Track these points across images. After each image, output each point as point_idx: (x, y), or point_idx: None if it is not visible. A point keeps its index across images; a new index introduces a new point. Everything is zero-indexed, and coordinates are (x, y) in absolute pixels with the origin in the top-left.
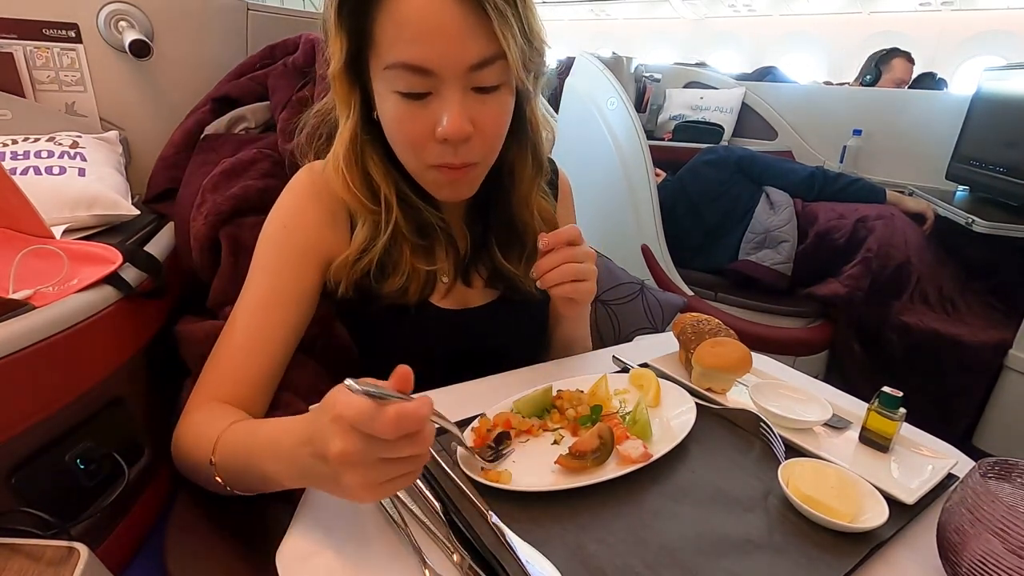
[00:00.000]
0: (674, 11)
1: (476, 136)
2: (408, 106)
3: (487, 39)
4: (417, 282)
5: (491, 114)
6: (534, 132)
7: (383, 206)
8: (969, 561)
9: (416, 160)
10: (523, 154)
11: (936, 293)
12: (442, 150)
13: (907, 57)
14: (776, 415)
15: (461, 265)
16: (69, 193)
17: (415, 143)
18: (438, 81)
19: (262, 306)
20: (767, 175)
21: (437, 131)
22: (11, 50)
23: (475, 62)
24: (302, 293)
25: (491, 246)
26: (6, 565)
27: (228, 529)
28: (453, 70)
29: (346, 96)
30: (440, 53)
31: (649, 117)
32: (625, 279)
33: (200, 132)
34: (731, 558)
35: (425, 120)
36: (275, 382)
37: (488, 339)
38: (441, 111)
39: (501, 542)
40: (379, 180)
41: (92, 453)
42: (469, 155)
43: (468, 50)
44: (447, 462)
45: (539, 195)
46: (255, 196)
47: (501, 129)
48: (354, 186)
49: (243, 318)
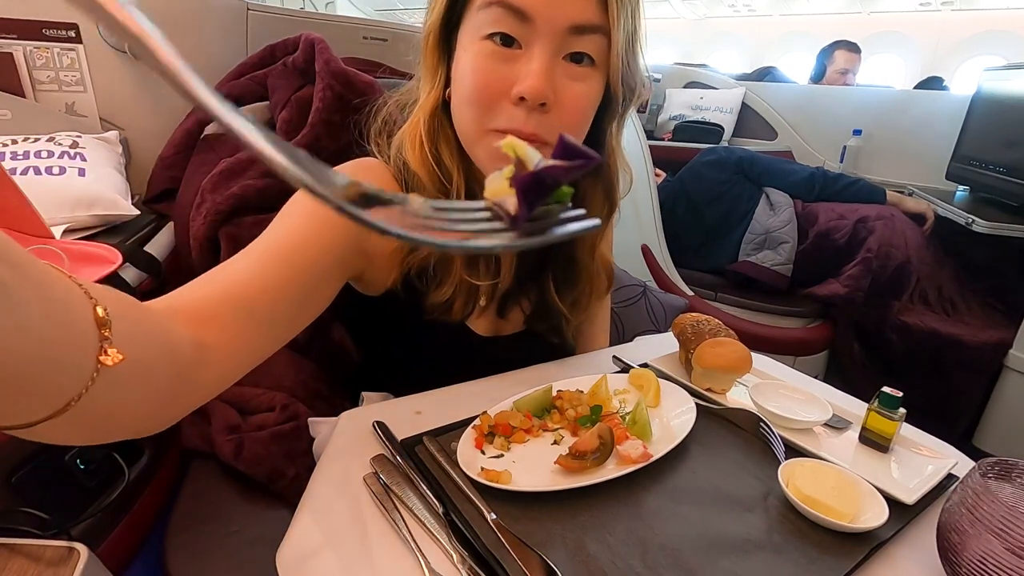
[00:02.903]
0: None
1: (554, 110)
2: (492, 54)
3: (597, 5)
4: (463, 297)
5: (576, 92)
6: (610, 164)
7: (453, 189)
8: (969, 561)
9: (479, 121)
10: (595, 189)
11: (936, 293)
12: (513, 113)
13: (848, 47)
14: (776, 415)
15: (499, 291)
16: (69, 193)
17: (486, 99)
18: (532, 32)
19: (285, 248)
20: (767, 176)
21: (514, 88)
22: (11, 50)
23: (578, 22)
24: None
25: (545, 282)
26: (6, 565)
27: (228, 529)
28: (552, 24)
29: (434, 64)
30: (545, 1)
31: (649, 117)
32: (628, 281)
33: (200, 132)
34: (731, 558)
35: (504, 75)
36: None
37: (510, 366)
38: (526, 68)
39: (501, 542)
40: (449, 163)
41: (92, 453)
42: (541, 128)
43: (574, 7)
44: (447, 462)
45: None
46: (254, 196)
47: (582, 114)
48: (431, 158)
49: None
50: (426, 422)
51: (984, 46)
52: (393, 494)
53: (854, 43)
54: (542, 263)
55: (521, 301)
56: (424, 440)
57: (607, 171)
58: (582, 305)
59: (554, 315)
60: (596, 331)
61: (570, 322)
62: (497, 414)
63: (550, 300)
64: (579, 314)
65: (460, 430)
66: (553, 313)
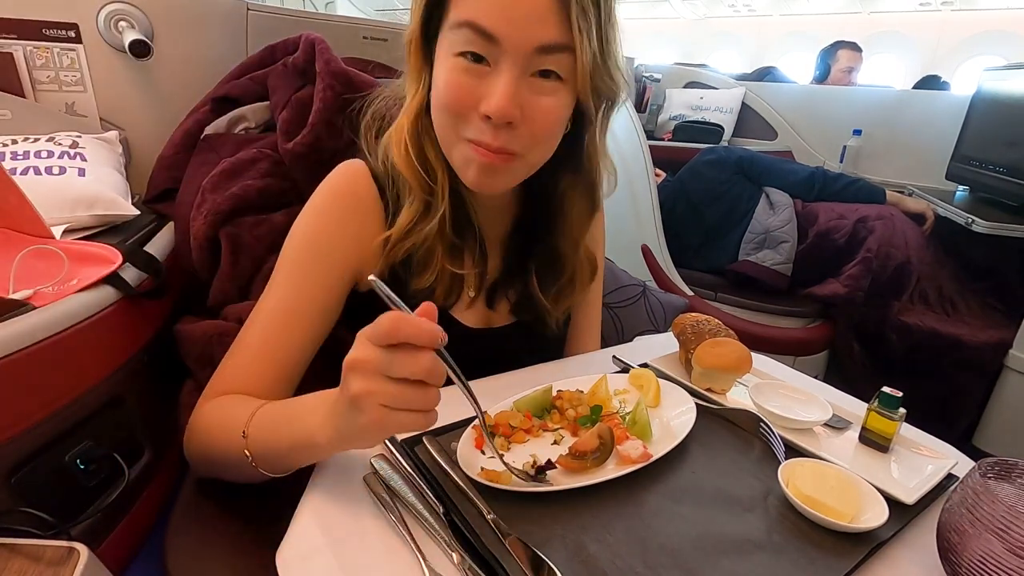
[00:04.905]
0: (674, 11)
1: (523, 125)
2: (463, 70)
3: (561, 26)
4: (444, 285)
5: (543, 107)
6: (591, 166)
7: (438, 187)
8: (969, 561)
9: (452, 130)
10: (576, 188)
11: (936, 293)
12: (481, 126)
13: (851, 47)
14: (776, 415)
15: (487, 283)
16: (69, 193)
17: (458, 111)
18: (500, 52)
19: (283, 314)
20: (767, 175)
21: (481, 105)
22: (11, 50)
23: (543, 44)
24: (326, 305)
25: (528, 275)
26: (6, 565)
27: (228, 529)
28: (518, 46)
29: (418, 68)
30: (510, 22)
31: (649, 117)
32: (627, 281)
33: (200, 132)
34: (731, 558)
35: (474, 89)
36: (289, 392)
37: (503, 359)
38: (492, 86)
39: (501, 542)
40: (435, 162)
41: (92, 453)
42: (509, 142)
43: (538, 30)
44: (447, 462)
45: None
46: (255, 196)
47: (551, 127)
48: (416, 159)
49: (262, 323)
50: None
51: (984, 46)
52: (393, 494)
53: (855, 43)
54: (526, 256)
55: (508, 292)
56: (424, 440)
57: (588, 172)
58: (565, 295)
59: (537, 306)
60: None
61: (552, 313)
62: (497, 414)
63: (532, 291)
64: (562, 305)
65: (460, 430)
66: (536, 304)
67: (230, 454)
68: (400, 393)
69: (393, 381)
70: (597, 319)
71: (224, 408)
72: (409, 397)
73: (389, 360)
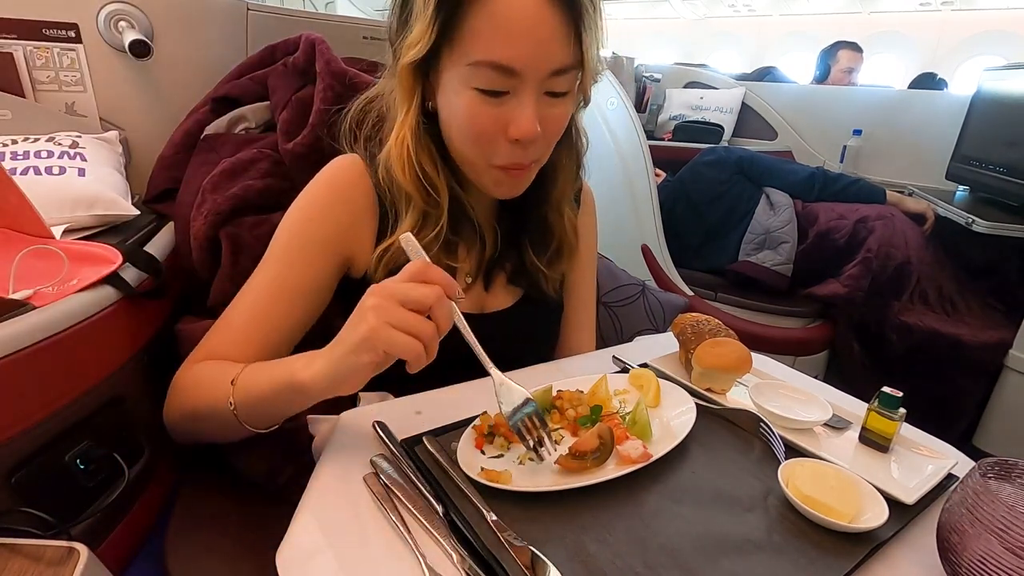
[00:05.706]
0: (674, 11)
1: (542, 136)
2: (484, 103)
3: (571, 47)
4: None
5: (557, 118)
6: (577, 135)
7: (441, 199)
8: (969, 561)
9: (481, 157)
10: (569, 158)
11: (936, 293)
12: (511, 150)
13: (851, 47)
14: (776, 415)
15: (485, 265)
16: (69, 193)
17: (485, 140)
18: (519, 82)
19: (270, 291)
20: (767, 175)
21: (510, 131)
22: (11, 50)
23: (557, 68)
24: (313, 286)
25: (523, 244)
26: (6, 565)
27: (228, 529)
28: (536, 73)
29: (411, 86)
30: (529, 55)
31: (649, 117)
32: (626, 280)
33: (200, 132)
34: (731, 558)
35: (497, 118)
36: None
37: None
38: (516, 112)
39: (501, 542)
40: (432, 172)
41: (92, 453)
42: (534, 154)
43: (554, 55)
44: (447, 462)
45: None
46: (255, 196)
47: (562, 130)
48: (421, 177)
49: (250, 298)
50: (426, 422)
51: (984, 46)
52: (393, 494)
53: (855, 43)
54: (519, 228)
55: (504, 265)
56: (424, 440)
57: (575, 142)
58: (556, 260)
59: (534, 272)
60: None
61: (548, 277)
62: (497, 414)
63: (528, 260)
64: (556, 269)
65: (460, 430)
66: (533, 270)
67: (217, 406)
68: (405, 316)
69: (404, 308)
70: (591, 317)
71: (214, 365)
72: (412, 322)
73: (406, 289)
